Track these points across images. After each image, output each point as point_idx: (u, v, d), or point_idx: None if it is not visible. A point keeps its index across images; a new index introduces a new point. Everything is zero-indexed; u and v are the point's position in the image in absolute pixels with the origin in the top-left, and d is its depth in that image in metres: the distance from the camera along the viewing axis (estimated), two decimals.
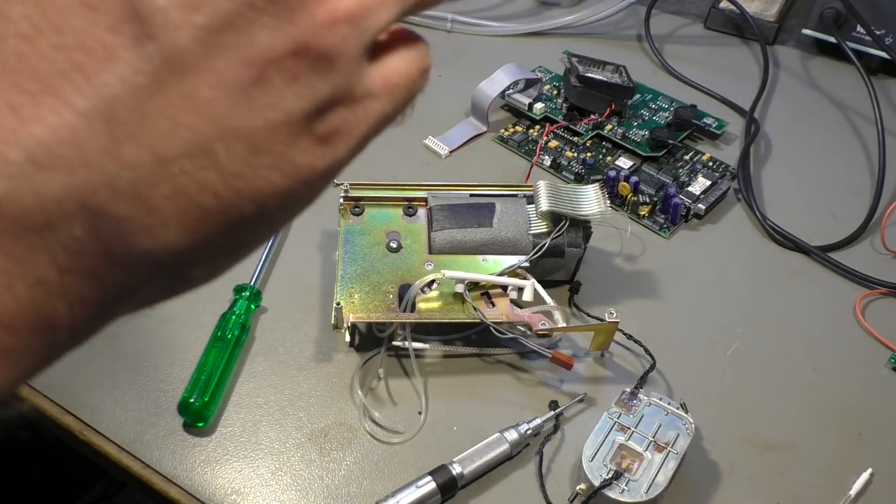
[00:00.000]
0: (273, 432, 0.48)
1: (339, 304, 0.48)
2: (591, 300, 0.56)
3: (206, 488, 0.45)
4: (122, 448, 0.47)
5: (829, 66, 0.81)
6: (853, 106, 0.76)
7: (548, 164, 0.67)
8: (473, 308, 0.49)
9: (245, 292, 0.53)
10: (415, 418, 0.49)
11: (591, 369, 0.52)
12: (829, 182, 0.68)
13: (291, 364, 0.52)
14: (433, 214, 0.53)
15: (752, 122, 0.72)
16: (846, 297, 0.58)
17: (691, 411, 0.47)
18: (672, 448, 0.45)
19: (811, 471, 0.47)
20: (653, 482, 0.43)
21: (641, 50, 0.82)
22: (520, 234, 0.52)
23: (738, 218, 0.64)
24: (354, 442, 0.48)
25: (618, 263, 0.59)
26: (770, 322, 0.56)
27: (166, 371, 0.50)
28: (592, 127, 0.69)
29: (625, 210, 0.63)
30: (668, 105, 0.72)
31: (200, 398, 0.47)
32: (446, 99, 0.74)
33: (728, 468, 0.47)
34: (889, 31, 0.75)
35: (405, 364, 0.52)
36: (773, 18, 0.83)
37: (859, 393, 0.52)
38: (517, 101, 0.71)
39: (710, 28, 0.86)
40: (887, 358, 0.54)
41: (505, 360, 0.52)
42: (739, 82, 0.77)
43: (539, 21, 0.83)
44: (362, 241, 0.53)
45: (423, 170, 0.67)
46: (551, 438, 0.48)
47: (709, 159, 0.67)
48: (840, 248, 0.61)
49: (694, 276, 0.59)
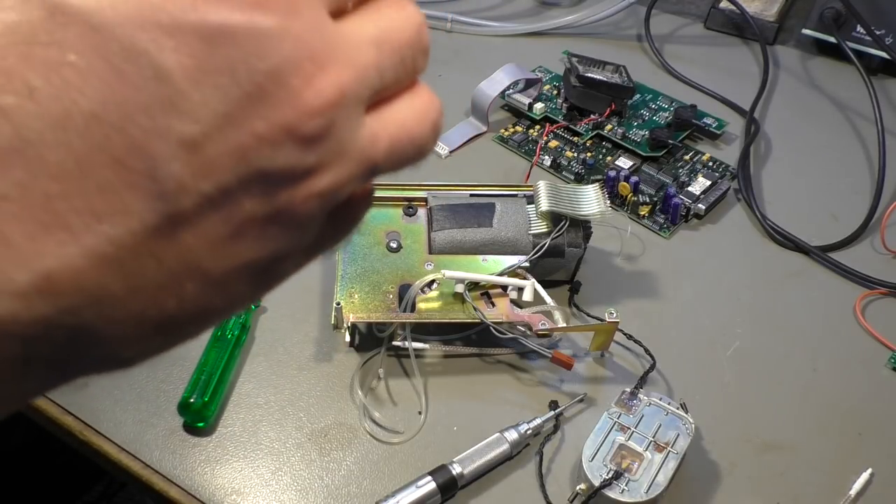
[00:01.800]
0: (273, 432, 0.48)
1: (339, 304, 0.48)
2: (591, 300, 0.56)
3: (206, 488, 0.45)
4: (122, 448, 0.47)
5: (829, 66, 0.81)
6: (853, 106, 0.76)
7: (548, 164, 0.67)
8: (473, 308, 0.49)
9: None
10: (415, 418, 0.49)
11: (591, 369, 0.52)
12: (829, 182, 0.68)
13: (291, 364, 0.52)
14: (433, 214, 0.53)
15: (752, 122, 0.72)
16: (846, 297, 0.58)
17: (691, 411, 0.47)
18: (672, 448, 0.45)
19: (811, 471, 0.48)
20: (653, 482, 0.43)
21: (641, 50, 0.82)
22: (520, 234, 0.52)
23: (738, 218, 0.64)
24: (354, 442, 0.48)
25: (618, 263, 0.59)
26: (770, 322, 0.56)
27: (166, 371, 0.50)
28: (592, 127, 0.69)
29: (625, 210, 0.63)
30: (668, 105, 0.72)
31: (200, 398, 0.47)
32: (446, 99, 0.73)
33: (728, 468, 0.47)
34: (889, 31, 0.75)
35: (405, 364, 0.52)
36: (773, 18, 0.83)
37: (859, 393, 0.52)
38: (517, 101, 0.71)
39: (710, 28, 0.86)
40: (887, 358, 0.54)
41: (505, 360, 0.52)
42: (739, 82, 0.77)
43: (539, 21, 0.83)
44: (362, 241, 0.53)
45: (423, 170, 0.66)
46: (551, 438, 0.48)
47: (709, 159, 0.67)
48: (840, 248, 0.61)
49: (694, 276, 0.59)
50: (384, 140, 0.19)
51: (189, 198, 0.16)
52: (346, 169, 0.18)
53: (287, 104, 0.16)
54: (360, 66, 0.18)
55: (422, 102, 0.20)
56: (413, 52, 0.19)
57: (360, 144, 0.18)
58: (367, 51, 0.18)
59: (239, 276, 0.18)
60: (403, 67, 0.19)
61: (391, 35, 0.19)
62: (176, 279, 0.17)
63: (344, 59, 0.17)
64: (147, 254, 0.16)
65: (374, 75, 0.18)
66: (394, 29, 0.19)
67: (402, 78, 0.19)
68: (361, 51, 0.18)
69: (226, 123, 0.16)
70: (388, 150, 0.19)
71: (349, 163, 0.18)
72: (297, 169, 0.17)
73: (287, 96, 0.16)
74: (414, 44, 0.19)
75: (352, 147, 0.18)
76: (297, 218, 0.18)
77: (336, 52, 0.17)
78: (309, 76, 0.17)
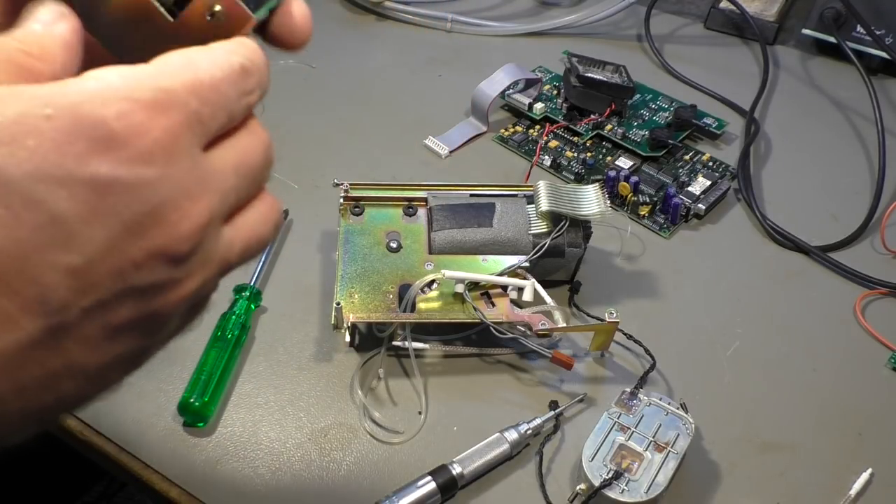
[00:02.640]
0: (273, 432, 0.48)
1: (339, 304, 0.48)
2: (591, 300, 0.56)
3: (206, 488, 0.45)
4: (122, 448, 0.47)
5: (829, 66, 0.81)
6: (853, 106, 0.76)
7: (548, 164, 0.67)
8: (473, 308, 0.49)
9: (245, 292, 0.53)
10: (415, 418, 0.49)
11: (591, 369, 0.52)
12: (829, 182, 0.68)
13: (291, 364, 0.52)
14: (433, 214, 0.53)
15: (752, 122, 0.72)
16: (846, 297, 0.58)
17: (691, 411, 0.47)
18: (672, 448, 0.45)
19: (811, 471, 0.47)
20: (653, 482, 0.43)
21: (641, 50, 0.82)
22: (520, 234, 0.52)
23: (738, 218, 0.64)
24: (354, 442, 0.48)
25: (618, 263, 0.59)
26: (770, 322, 0.56)
27: (166, 371, 0.50)
28: (592, 127, 0.69)
29: (625, 210, 0.63)
30: (668, 105, 0.72)
31: (200, 398, 0.47)
32: (446, 99, 0.74)
33: (728, 468, 0.47)
34: (889, 31, 0.75)
35: (405, 364, 0.52)
36: (773, 18, 0.83)
37: (859, 393, 0.52)
38: (517, 101, 0.71)
39: (710, 28, 0.86)
40: (887, 358, 0.54)
41: (505, 360, 0.52)
42: (739, 82, 0.77)
43: (539, 21, 0.84)
44: (362, 241, 0.53)
45: (423, 170, 0.67)
46: (551, 438, 0.48)
47: (709, 159, 0.67)
48: (840, 248, 0.61)
49: (694, 276, 0.59)
50: (238, 244, 0.23)
51: (70, 312, 0.19)
52: (208, 273, 0.22)
53: (162, 234, 0.20)
54: (223, 192, 0.21)
55: (266, 207, 0.24)
56: (262, 171, 0.23)
57: (219, 252, 0.22)
58: (229, 177, 0.22)
59: (111, 368, 0.21)
60: (255, 184, 0.23)
61: (246, 160, 0.23)
62: (56, 378, 0.20)
63: (212, 188, 0.21)
64: (32, 360, 0.19)
65: (233, 196, 0.22)
66: (248, 154, 0.23)
67: (253, 192, 0.23)
68: (225, 178, 0.22)
69: (107, 253, 0.19)
70: (241, 251, 0.23)
71: (211, 268, 0.22)
72: (167, 282, 0.21)
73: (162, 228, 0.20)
74: (263, 164, 0.23)
75: (213, 255, 0.22)
76: (164, 318, 0.21)
77: (205, 184, 0.21)
78: (183, 211, 0.20)
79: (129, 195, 0.19)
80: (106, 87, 0.19)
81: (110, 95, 0.19)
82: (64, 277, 0.18)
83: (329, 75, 0.77)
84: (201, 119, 0.21)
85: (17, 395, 0.19)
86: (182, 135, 0.20)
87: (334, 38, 0.82)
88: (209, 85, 0.21)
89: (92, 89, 0.19)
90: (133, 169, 0.19)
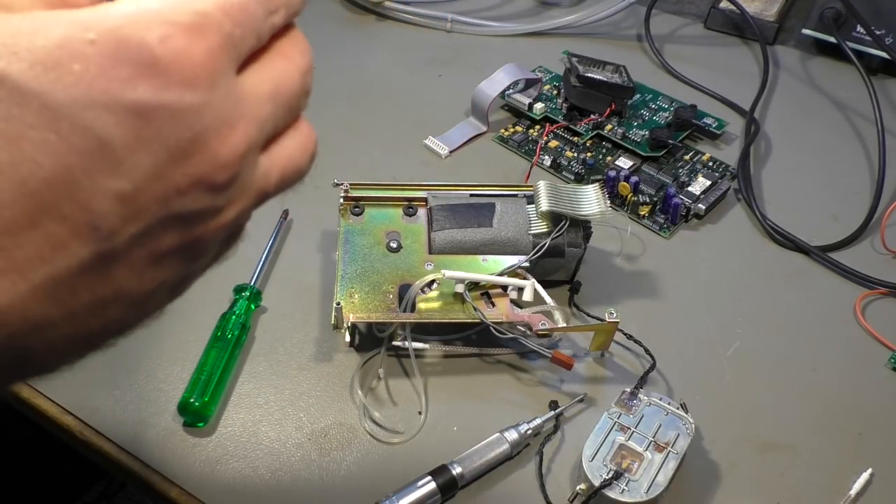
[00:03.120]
0: (273, 432, 0.48)
1: (339, 304, 0.48)
2: (591, 300, 0.56)
3: (206, 488, 0.45)
4: (122, 448, 0.47)
5: (829, 66, 0.81)
6: (853, 106, 0.76)
7: (548, 164, 0.67)
8: (473, 308, 0.49)
9: (245, 292, 0.53)
10: (415, 418, 0.49)
11: (591, 369, 0.52)
12: (829, 182, 0.68)
13: (291, 364, 0.52)
14: (433, 214, 0.53)
15: (752, 122, 0.72)
16: (846, 297, 0.58)
17: (691, 411, 0.47)
18: (672, 448, 0.45)
19: (811, 471, 0.48)
20: (653, 482, 0.43)
21: (641, 50, 0.82)
22: (520, 234, 0.52)
23: (738, 218, 0.64)
24: (354, 442, 0.48)
25: (618, 263, 0.59)
26: (770, 322, 0.56)
27: (166, 371, 0.50)
28: (592, 127, 0.69)
29: (625, 210, 0.63)
30: (668, 105, 0.72)
31: (200, 398, 0.47)
32: (446, 99, 0.74)
33: (728, 468, 0.47)
34: (889, 31, 0.75)
35: (405, 364, 0.52)
36: (773, 18, 0.83)
37: (859, 393, 0.52)
38: (517, 101, 0.71)
39: (710, 28, 0.86)
40: (887, 358, 0.54)
41: (505, 360, 0.52)
42: (739, 82, 0.77)
43: (539, 21, 0.84)
44: (362, 241, 0.53)
45: (423, 170, 0.67)
46: (551, 438, 0.48)
47: (709, 159, 0.67)
48: (840, 248, 0.61)
49: (694, 276, 0.59)
50: (275, 173, 0.23)
51: (119, 238, 0.19)
52: (247, 202, 0.22)
53: (204, 161, 0.20)
54: (260, 120, 0.21)
55: (303, 136, 0.24)
56: (298, 99, 0.23)
57: (257, 181, 0.22)
58: (265, 105, 0.22)
59: (154, 295, 0.21)
60: (291, 112, 0.23)
61: (282, 88, 0.22)
62: (104, 304, 0.20)
63: (248, 115, 0.21)
64: (82, 286, 0.19)
65: (270, 124, 0.22)
66: (284, 82, 0.22)
67: (289, 121, 0.23)
68: (262, 106, 0.21)
69: (153, 179, 0.19)
70: (278, 181, 0.23)
71: (249, 197, 0.22)
72: (209, 210, 0.21)
73: (204, 154, 0.20)
74: (300, 92, 0.23)
75: (251, 185, 0.22)
76: (206, 245, 0.22)
77: (242, 112, 0.21)
78: (223, 137, 0.20)
79: (173, 121, 0.19)
80: (146, 11, 0.19)
81: (151, 19, 0.19)
82: (113, 203, 0.18)
83: (329, 75, 0.77)
84: (234, 42, 0.20)
85: (67, 320, 0.19)
86: (220, 59, 0.20)
87: (334, 38, 0.82)
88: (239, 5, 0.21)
89: (133, 13, 0.19)
90: (177, 94, 0.19)
